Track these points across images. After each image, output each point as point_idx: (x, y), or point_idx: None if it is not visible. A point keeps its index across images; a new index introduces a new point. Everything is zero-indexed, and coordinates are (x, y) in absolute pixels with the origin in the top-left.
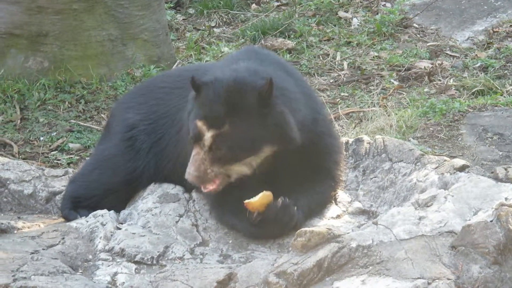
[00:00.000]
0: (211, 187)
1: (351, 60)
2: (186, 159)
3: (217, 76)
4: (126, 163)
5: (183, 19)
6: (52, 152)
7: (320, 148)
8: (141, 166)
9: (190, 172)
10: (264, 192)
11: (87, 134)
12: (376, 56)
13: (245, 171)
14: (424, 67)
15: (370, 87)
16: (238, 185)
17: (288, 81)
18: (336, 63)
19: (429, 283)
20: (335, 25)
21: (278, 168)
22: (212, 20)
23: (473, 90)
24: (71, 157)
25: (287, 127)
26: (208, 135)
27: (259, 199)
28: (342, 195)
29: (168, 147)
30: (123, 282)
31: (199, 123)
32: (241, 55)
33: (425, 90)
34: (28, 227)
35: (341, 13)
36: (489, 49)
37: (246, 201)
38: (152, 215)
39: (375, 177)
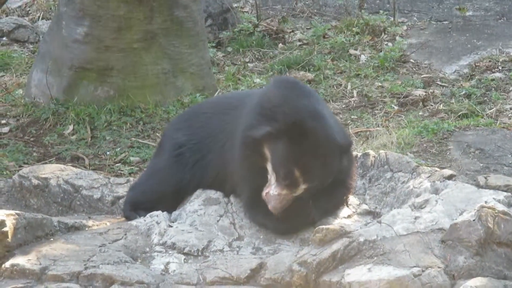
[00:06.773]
0: None
1: (360, 89)
2: (230, 175)
3: (309, 126)
4: (174, 174)
5: (223, 56)
6: (116, 164)
7: (343, 167)
8: (187, 177)
9: (277, 208)
10: None
11: (144, 150)
12: (380, 85)
13: None
14: (419, 94)
15: (375, 111)
16: None
17: (330, 114)
18: (347, 91)
19: (423, 271)
20: (346, 61)
21: None
22: (247, 57)
23: (459, 114)
24: (132, 168)
25: (349, 175)
26: (301, 187)
27: None
28: (352, 199)
29: (212, 162)
30: (174, 270)
31: (297, 173)
32: (281, 86)
33: (420, 113)
34: (97, 225)
35: (352, 51)
36: (472, 80)
37: None
38: (198, 215)
39: (379, 184)
